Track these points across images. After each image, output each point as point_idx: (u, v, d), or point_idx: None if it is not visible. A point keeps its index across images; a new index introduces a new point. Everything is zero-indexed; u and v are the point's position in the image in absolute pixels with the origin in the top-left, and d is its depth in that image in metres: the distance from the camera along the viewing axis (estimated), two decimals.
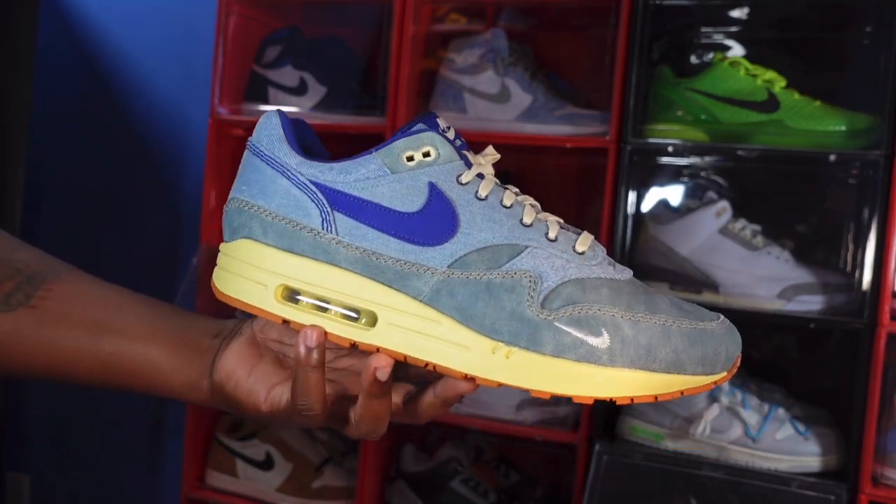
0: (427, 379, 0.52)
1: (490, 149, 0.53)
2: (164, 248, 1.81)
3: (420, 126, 0.51)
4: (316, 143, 0.55)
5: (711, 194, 1.32)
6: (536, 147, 1.38)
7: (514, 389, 0.48)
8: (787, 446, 1.18)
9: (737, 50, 1.38)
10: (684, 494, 1.17)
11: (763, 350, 1.37)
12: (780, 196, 1.39)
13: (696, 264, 1.25)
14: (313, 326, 0.49)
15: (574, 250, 0.49)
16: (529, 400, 1.33)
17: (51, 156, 1.89)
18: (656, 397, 0.47)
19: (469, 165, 0.51)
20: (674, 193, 1.40)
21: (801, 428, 1.18)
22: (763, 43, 1.38)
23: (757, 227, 1.27)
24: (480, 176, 0.51)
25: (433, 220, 0.49)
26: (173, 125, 1.81)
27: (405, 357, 0.49)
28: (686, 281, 1.25)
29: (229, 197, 0.53)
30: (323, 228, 0.50)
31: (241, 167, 0.53)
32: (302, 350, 0.49)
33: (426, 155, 0.50)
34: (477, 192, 0.50)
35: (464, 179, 0.50)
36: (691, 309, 0.50)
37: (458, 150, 0.51)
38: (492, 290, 0.48)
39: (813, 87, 1.24)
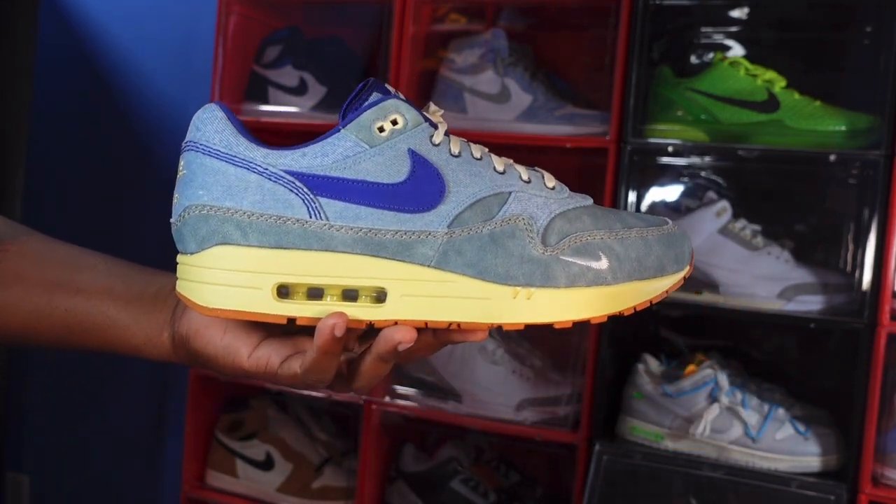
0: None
1: (431, 106, 0.54)
2: (165, 247, 1.80)
3: (376, 95, 0.50)
4: (242, 128, 0.52)
5: (711, 194, 1.32)
6: (536, 147, 1.38)
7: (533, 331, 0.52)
8: (787, 446, 1.18)
9: (737, 50, 1.38)
10: (684, 494, 1.17)
11: (763, 350, 1.37)
12: (780, 196, 1.39)
13: (696, 264, 1.25)
14: (338, 315, 0.48)
15: (546, 187, 0.52)
16: (529, 400, 1.33)
17: (51, 156, 1.89)
18: (651, 301, 0.52)
19: (434, 126, 0.51)
20: (674, 193, 1.40)
21: (801, 428, 1.18)
22: (763, 43, 1.38)
23: (757, 227, 1.27)
24: (446, 134, 0.52)
25: (422, 186, 0.49)
26: (173, 125, 1.81)
27: (426, 323, 0.49)
28: (686, 281, 1.25)
29: (181, 206, 0.49)
30: (311, 217, 0.48)
31: (186, 172, 0.49)
32: (327, 339, 0.47)
33: (395, 123, 0.50)
34: (450, 149, 0.51)
35: (436, 140, 0.50)
36: (647, 218, 0.54)
37: (419, 111, 0.51)
38: (496, 240, 0.49)
39: (813, 87, 1.24)
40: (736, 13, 1.33)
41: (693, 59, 1.40)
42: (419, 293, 0.49)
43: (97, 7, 1.87)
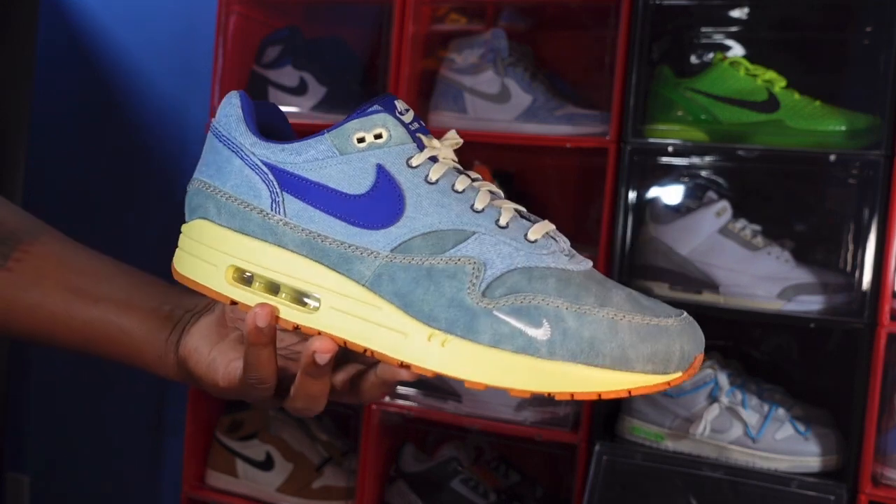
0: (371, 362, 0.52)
1: (452, 133, 0.52)
2: (165, 247, 1.80)
3: (375, 108, 0.50)
4: (286, 127, 0.55)
5: (711, 194, 1.32)
6: (536, 147, 1.38)
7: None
8: (787, 446, 1.18)
9: (737, 50, 1.38)
10: (684, 494, 1.17)
11: (763, 350, 1.37)
12: (780, 196, 1.39)
13: (696, 264, 1.25)
14: (263, 305, 0.48)
15: (526, 238, 0.47)
16: (529, 400, 1.33)
17: (51, 156, 1.89)
18: (600, 395, 0.44)
19: (421, 148, 0.50)
20: (674, 193, 1.40)
21: (801, 428, 1.18)
22: (763, 43, 1.38)
23: (757, 227, 1.27)
24: (433, 159, 0.49)
25: (379, 203, 0.48)
26: (173, 125, 1.81)
27: (345, 342, 0.48)
28: (686, 281, 1.25)
29: (192, 178, 0.53)
30: (272, 209, 0.50)
31: (204, 149, 0.53)
32: (251, 328, 0.48)
33: (377, 137, 0.49)
34: (427, 175, 0.49)
35: (414, 162, 0.49)
36: (650, 304, 0.47)
37: (413, 133, 0.50)
38: (433, 276, 0.46)
39: (813, 87, 1.24)
40: (736, 13, 1.33)
41: (693, 59, 1.40)
42: (346, 310, 0.48)
43: (97, 7, 1.87)
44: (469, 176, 0.50)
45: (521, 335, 0.44)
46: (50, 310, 0.57)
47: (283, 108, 1.57)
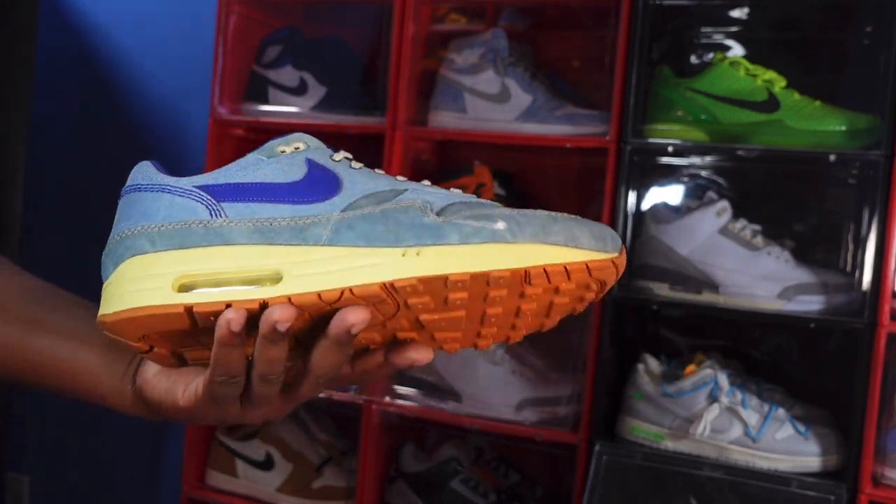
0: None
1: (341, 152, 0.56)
2: None
3: (293, 134, 0.54)
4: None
5: (711, 194, 1.32)
6: (536, 147, 1.38)
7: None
8: (787, 446, 1.18)
9: (737, 50, 1.38)
10: (684, 494, 1.17)
11: (763, 350, 1.37)
12: (780, 196, 1.39)
13: (696, 264, 1.25)
14: (236, 309, 0.47)
15: (453, 194, 0.52)
16: (529, 400, 1.33)
17: (51, 156, 1.89)
18: (566, 269, 0.48)
19: (337, 150, 0.54)
20: (674, 193, 1.40)
21: (801, 428, 1.18)
22: (763, 43, 1.38)
23: (757, 227, 1.27)
24: (349, 158, 0.54)
25: (317, 183, 0.51)
26: (173, 125, 1.81)
27: (319, 294, 0.48)
28: (686, 281, 1.25)
29: (109, 240, 0.52)
30: (212, 217, 0.50)
31: (117, 214, 0.53)
32: (225, 333, 0.47)
33: (297, 148, 0.53)
34: (350, 164, 0.53)
35: (336, 158, 0.53)
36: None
37: (325, 143, 0.54)
38: (388, 215, 0.49)
39: (813, 87, 1.24)
40: (736, 13, 1.33)
41: (693, 59, 1.40)
42: (312, 271, 0.49)
43: (97, 7, 1.87)
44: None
45: (485, 229, 0.48)
46: (5, 339, 0.57)
47: (284, 108, 1.57)
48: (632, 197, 1.26)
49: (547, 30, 1.53)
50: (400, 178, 0.53)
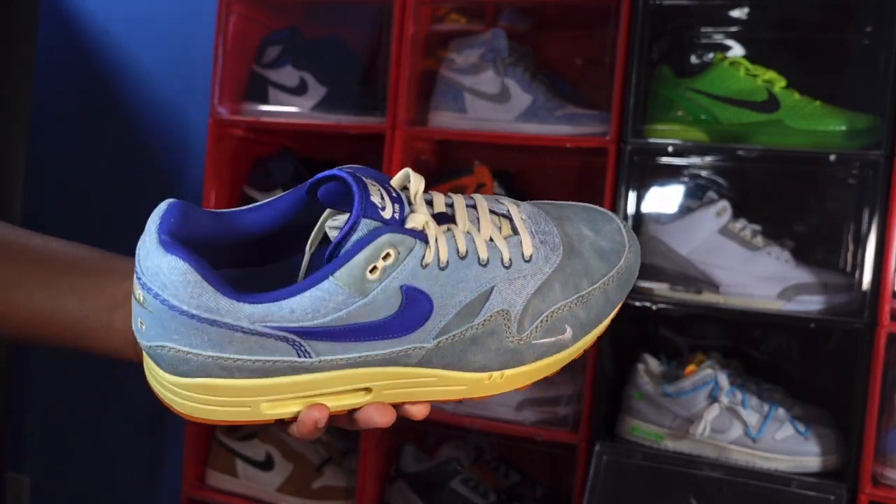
0: None
1: (408, 173, 0.50)
2: None
3: (364, 227, 0.46)
4: (215, 276, 0.46)
5: (711, 194, 1.32)
6: (536, 147, 1.38)
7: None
8: (787, 446, 1.18)
9: (737, 50, 1.38)
10: (684, 494, 1.17)
11: (763, 350, 1.37)
12: (780, 196, 1.39)
13: (696, 264, 1.25)
14: (319, 407, 0.49)
15: (524, 260, 0.51)
16: (529, 400, 1.33)
17: (51, 156, 1.89)
18: (599, 338, 0.56)
19: (425, 240, 0.48)
20: (674, 193, 1.40)
21: (801, 428, 1.18)
22: (763, 43, 1.38)
23: (757, 227, 1.27)
24: (427, 241, 0.48)
25: (412, 312, 0.48)
26: (173, 125, 1.81)
27: (402, 402, 0.52)
28: (686, 281, 1.25)
29: (152, 340, 0.47)
30: (299, 356, 0.47)
31: (153, 313, 0.46)
32: (310, 429, 0.50)
33: (386, 257, 0.46)
34: (439, 263, 0.48)
35: (427, 260, 0.48)
36: (608, 246, 0.55)
37: (399, 221, 0.47)
38: (477, 341, 0.51)
39: (813, 87, 1.24)
40: (736, 13, 1.33)
41: (693, 59, 1.40)
42: (400, 387, 0.51)
43: (97, 7, 1.87)
44: (458, 228, 0.49)
45: (555, 344, 0.53)
46: (4, 295, 0.55)
47: (284, 108, 1.57)
48: (632, 197, 1.26)
49: (547, 30, 1.53)
50: (480, 246, 0.49)
